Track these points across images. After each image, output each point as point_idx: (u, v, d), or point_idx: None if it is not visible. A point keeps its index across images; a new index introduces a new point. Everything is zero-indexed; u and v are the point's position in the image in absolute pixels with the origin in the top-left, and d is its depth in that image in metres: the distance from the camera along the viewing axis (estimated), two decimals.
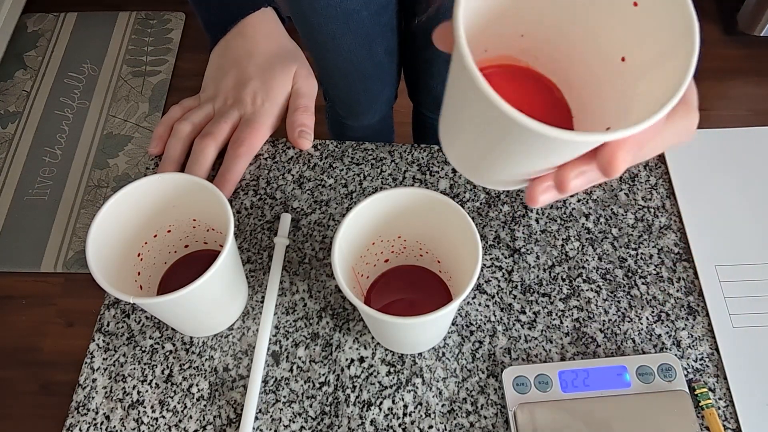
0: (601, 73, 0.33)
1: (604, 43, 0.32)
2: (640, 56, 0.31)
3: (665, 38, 0.29)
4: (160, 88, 0.65)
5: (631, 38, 0.31)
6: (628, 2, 0.30)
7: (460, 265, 0.45)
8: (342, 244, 0.43)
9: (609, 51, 0.32)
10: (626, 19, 0.31)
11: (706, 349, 0.49)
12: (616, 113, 0.32)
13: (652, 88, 0.29)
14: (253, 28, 0.61)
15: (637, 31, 0.30)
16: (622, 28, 0.31)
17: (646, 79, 0.30)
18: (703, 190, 0.57)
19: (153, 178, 0.46)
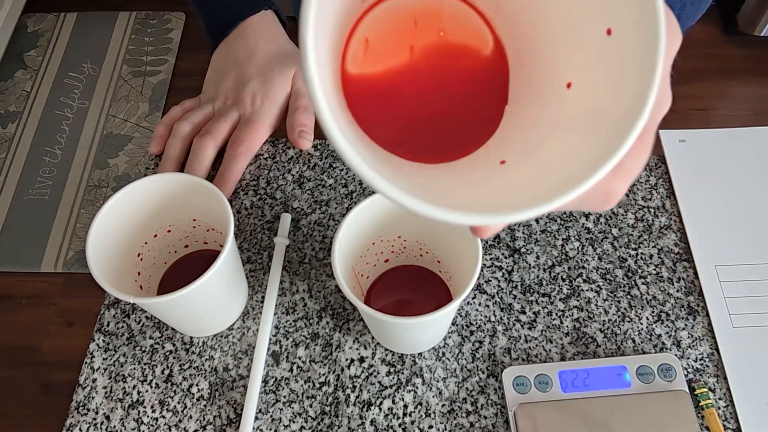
0: (540, 87, 0.29)
1: (563, 51, 0.28)
2: (584, 97, 0.27)
3: (616, 97, 0.25)
4: (161, 88, 0.65)
5: (591, 69, 0.27)
6: (603, 27, 0.26)
7: (460, 265, 0.45)
8: (342, 244, 0.43)
9: (563, 65, 0.28)
10: (595, 45, 0.26)
11: (706, 349, 0.49)
12: (519, 146, 0.28)
13: (566, 150, 0.25)
14: (254, 29, 0.61)
15: (600, 64, 0.26)
16: (587, 51, 0.27)
17: (567, 135, 0.26)
18: (703, 190, 0.57)
19: (153, 178, 0.46)
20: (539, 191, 0.24)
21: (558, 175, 0.24)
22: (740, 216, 0.55)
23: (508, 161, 0.28)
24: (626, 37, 0.25)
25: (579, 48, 0.27)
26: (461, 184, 0.29)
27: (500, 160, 0.28)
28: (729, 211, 0.56)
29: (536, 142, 0.28)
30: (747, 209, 0.56)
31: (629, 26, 0.24)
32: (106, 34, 0.71)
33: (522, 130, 0.29)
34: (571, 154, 0.25)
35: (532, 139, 0.28)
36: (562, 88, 0.28)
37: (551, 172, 0.25)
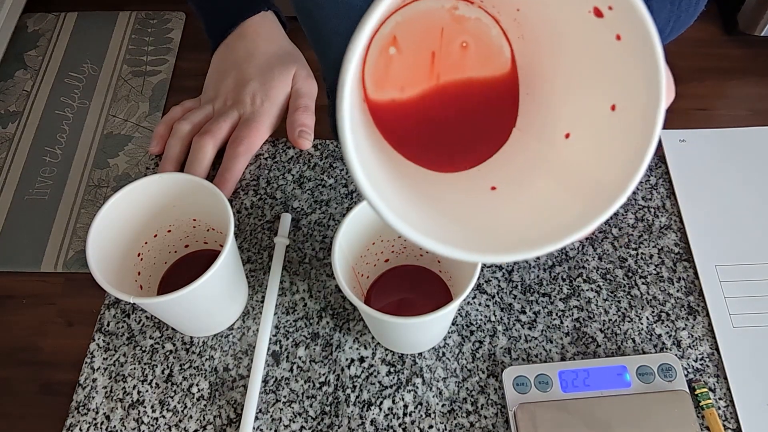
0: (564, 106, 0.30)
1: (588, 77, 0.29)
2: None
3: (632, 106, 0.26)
4: (161, 88, 0.65)
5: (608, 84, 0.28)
6: (612, 35, 0.26)
7: (461, 265, 0.45)
8: (342, 243, 0.43)
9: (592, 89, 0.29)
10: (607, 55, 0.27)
11: (707, 349, 0.49)
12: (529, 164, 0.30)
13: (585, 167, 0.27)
14: (254, 30, 0.61)
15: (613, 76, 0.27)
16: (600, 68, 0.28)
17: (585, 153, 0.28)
18: (703, 190, 0.57)
19: (153, 177, 0.46)
20: (523, 235, 0.26)
21: (542, 225, 0.26)
22: (740, 216, 0.55)
23: (499, 189, 0.30)
24: (627, 120, 0.26)
25: (583, 108, 0.29)
26: (456, 200, 0.30)
27: (492, 185, 0.30)
28: (729, 211, 0.56)
29: (527, 180, 0.30)
30: (747, 209, 0.56)
31: (632, 112, 0.26)
32: (107, 33, 0.71)
33: (519, 160, 0.31)
34: (555, 207, 0.27)
35: (524, 175, 0.30)
36: (561, 135, 0.29)
37: (536, 218, 0.27)
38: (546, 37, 0.30)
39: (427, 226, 0.25)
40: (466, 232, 0.28)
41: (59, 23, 0.71)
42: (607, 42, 0.26)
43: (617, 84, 0.27)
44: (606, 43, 0.26)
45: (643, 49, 0.24)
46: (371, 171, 0.24)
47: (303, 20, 0.59)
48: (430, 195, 0.30)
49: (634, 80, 0.26)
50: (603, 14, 0.26)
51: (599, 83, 0.28)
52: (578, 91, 0.29)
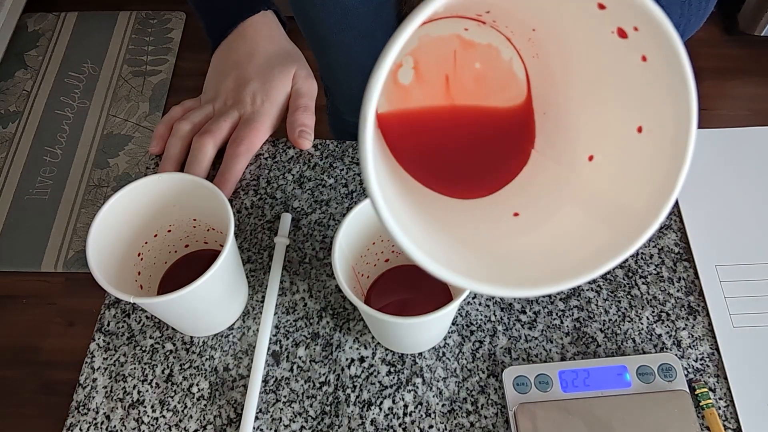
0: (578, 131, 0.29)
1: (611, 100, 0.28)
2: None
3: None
4: (161, 88, 0.65)
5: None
6: (638, 56, 0.25)
7: None
8: (342, 243, 0.43)
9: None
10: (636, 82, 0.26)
11: (707, 349, 0.49)
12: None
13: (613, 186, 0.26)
14: (254, 30, 0.61)
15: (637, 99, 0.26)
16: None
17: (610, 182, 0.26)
18: (703, 190, 0.57)
19: (153, 177, 0.46)
20: (549, 267, 0.24)
21: (568, 255, 0.25)
22: (740, 216, 0.55)
23: (522, 215, 0.28)
24: (656, 142, 0.25)
25: (606, 129, 0.27)
26: (479, 228, 0.29)
27: (514, 211, 0.29)
28: (729, 211, 0.56)
29: (550, 205, 0.28)
30: (747, 209, 0.56)
31: (661, 134, 0.25)
32: (107, 33, 0.71)
33: (540, 183, 0.29)
34: (580, 236, 0.25)
35: (547, 199, 0.28)
36: (584, 157, 0.28)
37: (562, 247, 0.26)
38: (564, 57, 0.29)
39: (450, 258, 0.25)
40: (490, 264, 0.27)
41: (59, 23, 0.72)
42: (632, 63, 0.25)
43: (643, 105, 0.26)
44: (631, 64, 0.25)
45: (671, 70, 0.23)
46: (390, 202, 0.23)
47: (299, 20, 0.59)
48: (448, 222, 0.29)
49: (661, 102, 0.24)
50: (627, 35, 0.25)
51: (623, 104, 0.27)
52: (599, 111, 0.28)
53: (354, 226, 0.44)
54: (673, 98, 0.24)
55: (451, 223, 0.30)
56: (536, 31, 0.29)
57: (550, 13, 0.28)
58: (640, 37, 0.24)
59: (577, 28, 0.27)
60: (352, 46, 0.76)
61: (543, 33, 0.29)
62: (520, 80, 0.31)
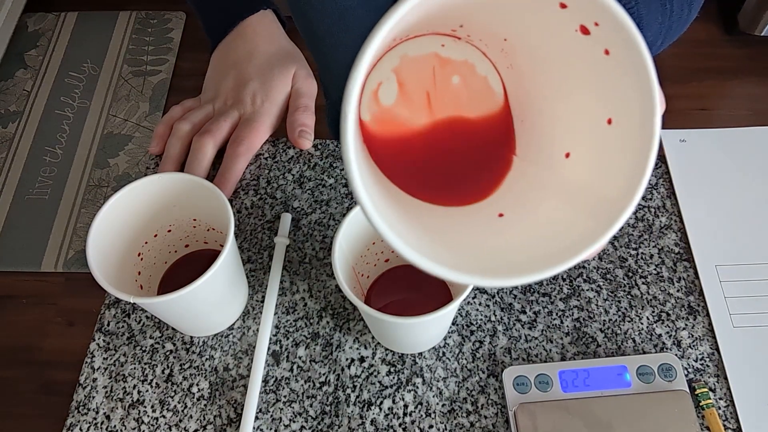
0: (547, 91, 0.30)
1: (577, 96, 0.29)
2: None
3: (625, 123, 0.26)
4: (161, 88, 0.65)
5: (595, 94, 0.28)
6: (601, 50, 0.26)
7: None
8: (342, 243, 0.43)
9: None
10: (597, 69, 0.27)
11: (707, 349, 0.49)
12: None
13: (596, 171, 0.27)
14: (253, 29, 0.61)
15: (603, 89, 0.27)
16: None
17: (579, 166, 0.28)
18: (703, 190, 0.57)
19: (153, 177, 0.46)
20: (531, 257, 0.26)
21: (549, 245, 0.26)
22: (740, 216, 0.55)
23: (506, 215, 0.30)
24: (625, 132, 0.26)
25: (579, 126, 0.29)
26: (465, 230, 0.30)
27: (499, 212, 0.30)
28: (729, 211, 0.56)
29: (533, 203, 0.30)
30: (747, 209, 0.56)
31: (629, 123, 0.26)
32: (107, 33, 0.71)
33: (522, 186, 0.31)
34: (563, 226, 0.27)
35: (530, 199, 0.30)
36: (561, 156, 0.29)
37: (543, 239, 0.27)
38: (534, 62, 0.30)
39: (439, 254, 0.25)
40: (477, 258, 0.28)
41: (59, 23, 0.72)
42: (597, 58, 0.26)
43: (611, 98, 0.27)
44: (595, 59, 0.26)
45: (633, 60, 0.25)
46: (378, 205, 0.24)
47: (297, 21, 0.59)
48: (433, 226, 0.30)
49: (627, 93, 0.26)
50: (590, 31, 0.26)
51: (592, 99, 0.28)
52: (571, 108, 0.30)
53: (354, 226, 0.44)
54: (636, 87, 0.25)
55: (435, 227, 0.31)
56: (507, 41, 0.31)
57: (517, 21, 0.29)
58: (601, 30, 0.26)
59: (543, 31, 0.29)
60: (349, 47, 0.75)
61: (514, 42, 0.30)
62: (497, 92, 0.33)
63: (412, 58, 0.32)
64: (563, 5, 0.25)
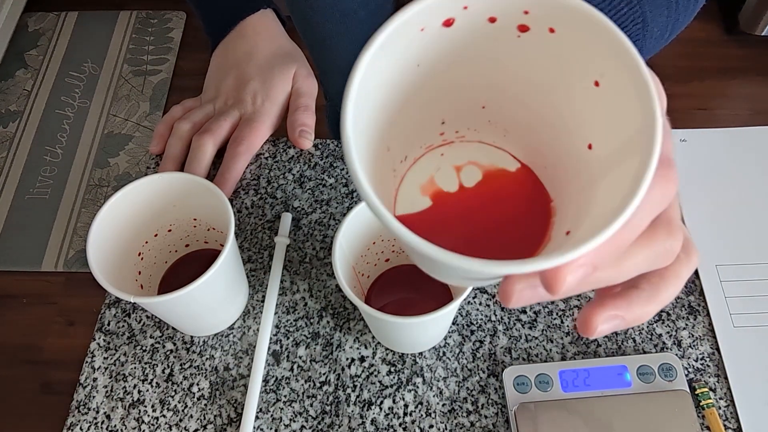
0: (568, 158, 0.29)
1: (570, 123, 0.28)
2: (605, 146, 0.26)
3: (627, 127, 0.24)
4: (161, 88, 0.65)
5: (596, 122, 0.26)
6: (590, 81, 0.25)
7: None
8: (343, 243, 0.43)
9: (575, 135, 0.28)
10: (589, 100, 0.26)
11: (707, 349, 0.49)
12: (577, 213, 0.27)
13: (611, 194, 0.24)
14: (253, 29, 0.61)
15: (602, 114, 0.26)
16: (586, 109, 0.26)
17: (608, 179, 0.25)
18: (703, 190, 0.57)
19: (153, 177, 0.46)
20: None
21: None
22: (741, 216, 0.55)
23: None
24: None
25: (581, 114, 0.27)
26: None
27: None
28: (730, 211, 0.56)
29: (586, 205, 0.27)
30: (748, 209, 0.56)
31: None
32: (107, 33, 0.71)
33: (572, 205, 0.29)
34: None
35: (582, 205, 0.28)
36: (585, 151, 0.28)
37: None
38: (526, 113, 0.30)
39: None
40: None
41: (60, 22, 0.72)
42: (606, 101, 0.25)
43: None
44: (604, 102, 0.25)
45: (638, 94, 0.24)
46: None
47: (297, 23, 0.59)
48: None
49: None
50: (600, 84, 0.25)
51: (574, 76, 0.27)
52: (571, 109, 0.28)
53: (354, 226, 0.44)
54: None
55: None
56: (486, 108, 0.30)
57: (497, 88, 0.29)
58: (609, 81, 0.25)
59: (556, 95, 0.28)
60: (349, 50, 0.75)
61: (494, 108, 0.30)
62: (511, 162, 0.32)
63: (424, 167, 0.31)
64: (524, 27, 0.25)
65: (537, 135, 0.30)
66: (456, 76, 0.28)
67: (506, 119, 0.31)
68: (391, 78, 0.26)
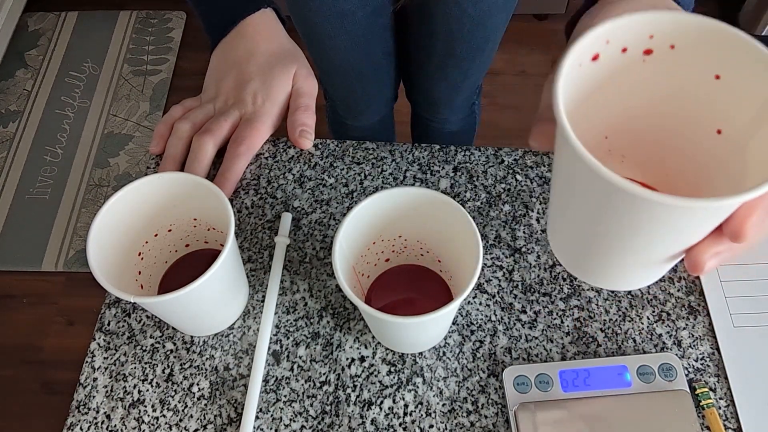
0: (698, 152, 0.31)
1: (695, 120, 0.30)
2: (736, 124, 0.29)
3: (756, 102, 0.27)
4: (161, 87, 0.65)
5: (720, 110, 0.29)
6: (710, 76, 0.28)
7: (461, 265, 0.45)
8: (343, 243, 0.43)
9: (702, 127, 0.30)
10: (711, 93, 0.29)
11: (707, 349, 0.49)
12: (728, 186, 0.30)
13: (764, 147, 0.27)
14: (253, 28, 0.61)
15: (726, 101, 0.29)
16: (710, 102, 0.29)
17: (754, 140, 0.28)
18: None
19: (153, 177, 0.46)
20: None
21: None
22: None
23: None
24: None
25: (705, 106, 0.30)
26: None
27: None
28: None
29: (741, 172, 0.30)
30: None
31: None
32: (107, 33, 0.71)
33: (723, 183, 0.31)
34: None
35: (736, 176, 0.30)
36: (715, 136, 0.30)
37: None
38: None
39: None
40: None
41: (60, 22, 0.72)
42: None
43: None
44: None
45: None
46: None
47: (297, 24, 0.59)
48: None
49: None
50: (720, 76, 0.29)
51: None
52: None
53: (354, 226, 0.44)
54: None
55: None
56: (608, 138, 0.33)
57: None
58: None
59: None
60: (348, 50, 0.75)
61: (615, 132, 0.34)
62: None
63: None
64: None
65: (659, 150, 0.33)
66: (587, 107, 0.30)
67: (625, 146, 0.33)
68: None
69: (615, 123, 0.32)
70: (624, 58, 0.29)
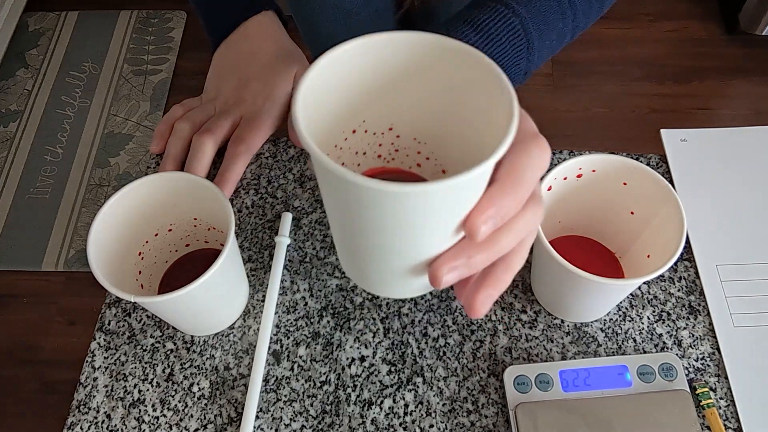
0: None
1: (612, 207, 0.48)
2: (640, 209, 0.47)
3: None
4: (162, 87, 0.65)
5: (629, 201, 0.47)
6: (619, 183, 0.47)
7: (466, 160, 0.32)
8: (307, 108, 0.27)
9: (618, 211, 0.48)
10: (621, 192, 0.47)
11: (707, 349, 0.49)
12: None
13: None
14: (255, 30, 0.61)
15: (632, 196, 0.47)
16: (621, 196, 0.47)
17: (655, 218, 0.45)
18: (703, 190, 0.57)
19: (154, 177, 0.46)
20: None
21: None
22: (741, 215, 0.55)
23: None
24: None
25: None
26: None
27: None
28: (730, 211, 0.56)
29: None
30: (748, 209, 0.56)
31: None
32: (108, 32, 0.71)
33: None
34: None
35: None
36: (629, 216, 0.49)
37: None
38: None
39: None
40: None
41: (60, 22, 0.72)
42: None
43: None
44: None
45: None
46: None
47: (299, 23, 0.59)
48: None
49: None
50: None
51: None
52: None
53: (325, 85, 0.29)
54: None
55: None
56: (561, 223, 0.51)
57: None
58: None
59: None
60: None
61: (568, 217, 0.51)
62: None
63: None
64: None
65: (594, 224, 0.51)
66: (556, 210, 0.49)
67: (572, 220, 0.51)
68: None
69: (566, 212, 0.49)
70: (565, 182, 0.46)
